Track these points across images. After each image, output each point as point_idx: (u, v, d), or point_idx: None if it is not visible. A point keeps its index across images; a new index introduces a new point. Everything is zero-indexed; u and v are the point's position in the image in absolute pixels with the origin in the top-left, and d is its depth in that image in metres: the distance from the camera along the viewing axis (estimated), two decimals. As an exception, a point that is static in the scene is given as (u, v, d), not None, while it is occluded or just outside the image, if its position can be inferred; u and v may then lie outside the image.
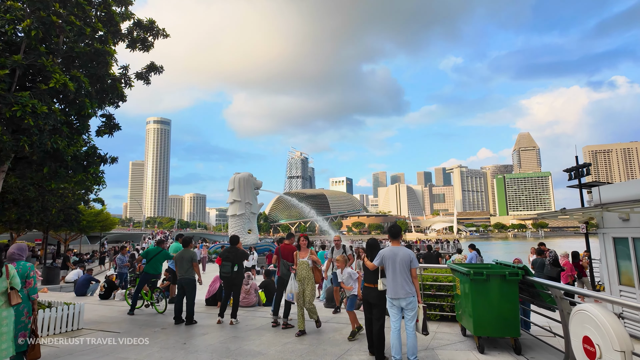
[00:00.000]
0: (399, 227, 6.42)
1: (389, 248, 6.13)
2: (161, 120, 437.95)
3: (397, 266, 5.85)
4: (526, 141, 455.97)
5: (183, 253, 9.23)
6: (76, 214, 28.30)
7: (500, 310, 6.25)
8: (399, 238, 6.32)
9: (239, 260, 8.93)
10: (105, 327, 8.71)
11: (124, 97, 9.53)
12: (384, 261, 6.01)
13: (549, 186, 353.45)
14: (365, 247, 7.02)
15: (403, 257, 5.90)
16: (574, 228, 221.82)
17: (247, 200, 41.26)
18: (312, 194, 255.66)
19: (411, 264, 5.91)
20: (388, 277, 5.95)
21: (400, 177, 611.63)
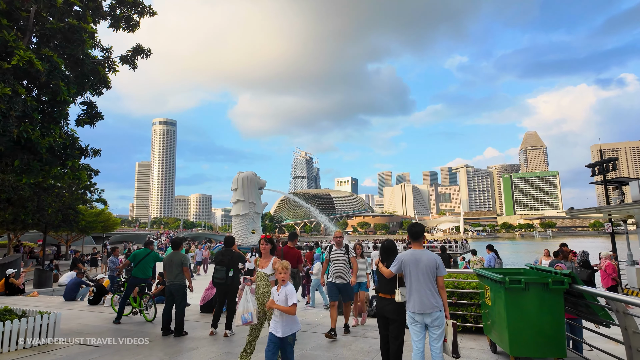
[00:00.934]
0: (422, 227, 5.35)
1: (409, 252, 5.14)
2: (167, 121, 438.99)
3: (421, 274, 4.91)
4: (533, 140, 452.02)
5: (172, 256, 8.27)
6: (75, 214, 27.52)
7: (541, 326, 5.23)
8: (422, 239, 5.29)
9: (234, 264, 7.95)
10: (84, 338, 7.76)
11: (108, 83, 8.56)
12: (404, 267, 5.05)
13: (557, 185, 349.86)
14: (380, 250, 5.89)
15: (428, 262, 4.94)
16: (582, 228, 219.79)
17: (250, 199, 40.34)
18: (317, 194, 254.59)
19: (437, 271, 4.95)
20: (409, 287, 5.01)
21: (405, 176, 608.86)
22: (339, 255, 7.88)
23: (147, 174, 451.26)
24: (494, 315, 5.88)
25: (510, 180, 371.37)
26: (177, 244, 8.49)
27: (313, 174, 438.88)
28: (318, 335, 7.84)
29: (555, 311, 5.23)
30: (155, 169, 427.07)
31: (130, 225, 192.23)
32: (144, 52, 8.92)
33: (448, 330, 4.81)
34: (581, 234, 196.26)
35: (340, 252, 7.93)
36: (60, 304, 12.33)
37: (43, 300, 13.36)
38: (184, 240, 9.06)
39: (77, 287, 12.94)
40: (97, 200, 44.68)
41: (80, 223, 29.66)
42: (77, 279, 13.16)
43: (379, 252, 5.80)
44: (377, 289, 5.69)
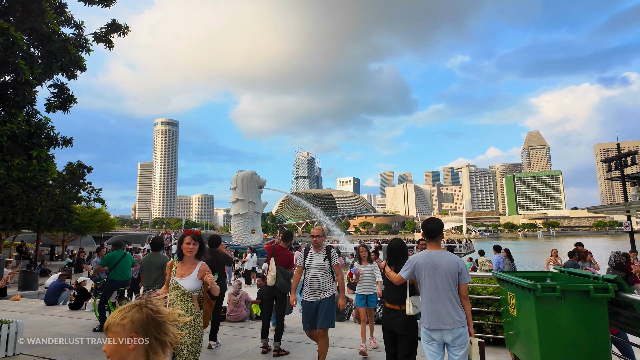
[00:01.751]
0: (440, 222, 4.36)
1: (424, 253, 4.20)
2: (169, 122, 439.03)
3: (439, 280, 3.98)
4: (536, 139, 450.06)
5: (151, 258, 7.40)
6: (68, 214, 26.67)
7: (580, 342, 4.32)
8: (439, 238, 4.28)
9: (219, 267, 7.07)
10: (51, 352, 6.88)
11: (82, 64, 7.67)
12: (418, 272, 4.14)
13: (560, 185, 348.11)
14: (387, 251, 4.95)
15: (448, 266, 4.01)
16: (586, 228, 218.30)
17: (250, 199, 39.53)
18: (319, 194, 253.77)
19: (460, 277, 4.04)
20: (423, 296, 4.10)
21: (407, 176, 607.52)
22: (316, 262, 5.75)
23: (149, 175, 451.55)
24: (519, 326, 4.98)
25: (512, 179, 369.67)
26: (157, 245, 7.62)
27: (315, 174, 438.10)
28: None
29: (598, 324, 4.33)
30: (157, 169, 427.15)
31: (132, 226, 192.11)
32: (120, 28, 8.05)
33: (473, 351, 3.90)
34: (585, 233, 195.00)
35: (319, 256, 5.81)
36: (40, 309, 11.48)
37: (23, 304, 12.53)
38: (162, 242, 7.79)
39: (59, 291, 12.09)
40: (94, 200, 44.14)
41: (74, 223, 28.81)
42: (59, 282, 12.29)
43: (386, 253, 4.93)
44: (384, 297, 4.84)
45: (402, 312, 4.36)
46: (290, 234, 7.29)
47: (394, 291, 4.50)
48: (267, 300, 6.76)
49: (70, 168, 25.68)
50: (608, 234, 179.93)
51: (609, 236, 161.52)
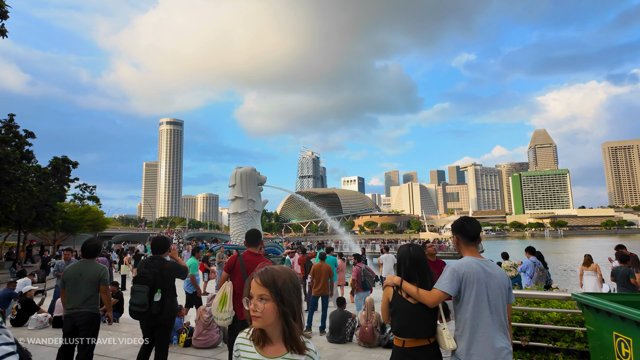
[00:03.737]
0: (479, 223, 3.37)
1: (472, 260, 3.08)
2: (174, 122, 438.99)
3: (492, 297, 2.98)
4: (542, 138, 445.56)
5: (81, 268, 5.39)
6: (51, 212, 24.78)
7: None
8: (478, 243, 3.28)
9: (164, 282, 5.07)
10: None
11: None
12: (466, 287, 3.01)
13: (567, 184, 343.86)
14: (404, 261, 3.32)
15: (502, 279, 3.07)
16: (595, 227, 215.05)
17: (249, 197, 37.54)
18: (323, 193, 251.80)
19: (509, 294, 3.14)
20: (470, 322, 2.95)
21: (412, 175, 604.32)
22: None
23: (154, 174, 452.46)
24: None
25: (519, 178, 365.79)
26: (91, 250, 5.59)
27: (319, 173, 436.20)
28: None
29: None
30: (163, 169, 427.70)
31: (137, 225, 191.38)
32: None
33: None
34: (593, 233, 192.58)
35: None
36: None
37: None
38: (98, 246, 5.60)
39: (6, 301, 10.14)
40: (88, 198, 42.47)
41: (57, 221, 26.90)
42: (7, 290, 10.32)
43: (400, 264, 3.35)
44: (394, 330, 3.23)
45: (432, 347, 3.09)
46: (256, 233, 5.23)
47: (416, 318, 3.09)
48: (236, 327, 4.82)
49: (53, 163, 23.93)
50: (617, 234, 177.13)
51: (618, 235, 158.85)
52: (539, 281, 9.74)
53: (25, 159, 23.61)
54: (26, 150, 23.72)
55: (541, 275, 9.89)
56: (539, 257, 10.55)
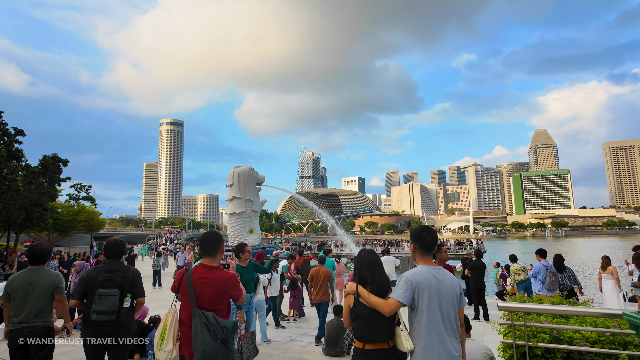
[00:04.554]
0: (436, 234, 3.51)
1: (424, 269, 3.29)
2: (174, 122, 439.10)
3: (444, 304, 3.19)
4: (543, 138, 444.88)
5: (31, 277, 4.65)
6: (41, 212, 24.02)
7: None
8: (433, 251, 3.49)
9: (133, 287, 4.45)
10: None
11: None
12: (419, 295, 3.18)
13: (568, 184, 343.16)
14: (357, 264, 3.57)
15: (452, 286, 3.28)
16: (596, 227, 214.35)
17: (247, 196, 36.93)
18: (323, 193, 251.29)
19: (461, 300, 3.34)
20: (425, 328, 3.12)
21: (413, 176, 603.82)
22: None
23: (155, 175, 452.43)
24: None
25: (520, 178, 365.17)
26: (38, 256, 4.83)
27: (320, 174, 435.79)
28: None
29: None
30: (163, 169, 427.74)
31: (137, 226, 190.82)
32: None
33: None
34: (595, 233, 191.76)
35: None
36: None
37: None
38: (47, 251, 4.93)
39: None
40: (83, 198, 41.76)
41: (48, 221, 26.16)
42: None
43: (356, 268, 3.59)
44: (356, 335, 3.36)
45: (391, 351, 3.27)
46: (214, 238, 3.83)
47: (376, 323, 3.26)
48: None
49: (43, 161, 23.20)
50: (618, 234, 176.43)
51: (619, 236, 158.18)
52: (552, 287, 8.95)
53: (15, 158, 22.91)
54: (15, 148, 23.02)
55: (554, 281, 9.03)
56: (558, 260, 9.63)
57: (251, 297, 6.63)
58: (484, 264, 11.07)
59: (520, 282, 11.09)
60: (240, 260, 6.66)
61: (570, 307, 3.88)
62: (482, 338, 8.85)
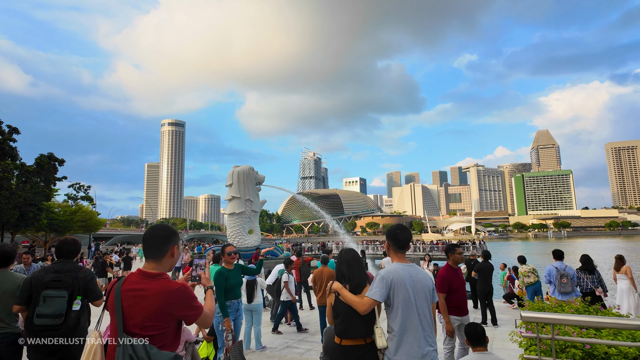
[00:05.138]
0: (410, 232, 3.66)
1: (398, 266, 3.41)
2: (176, 122, 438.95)
3: (418, 300, 3.33)
4: (545, 139, 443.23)
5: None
6: (36, 212, 23.49)
7: None
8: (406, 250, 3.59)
9: (85, 288, 3.98)
10: None
11: None
12: (395, 292, 3.30)
13: (570, 185, 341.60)
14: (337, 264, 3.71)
15: (426, 282, 3.44)
16: (598, 228, 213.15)
17: (247, 196, 36.39)
18: (325, 194, 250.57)
19: (433, 295, 3.50)
20: (401, 324, 3.25)
21: (414, 176, 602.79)
22: None
23: (156, 175, 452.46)
24: None
25: (522, 179, 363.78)
26: (2, 258, 4.34)
27: (321, 174, 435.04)
28: None
29: None
30: (164, 170, 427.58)
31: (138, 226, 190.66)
32: None
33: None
34: (597, 234, 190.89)
35: None
36: None
37: None
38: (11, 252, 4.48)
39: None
40: (82, 198, 41.31)
41: (42, 221, 25.62)
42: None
43: (336, 267, 3.76)
44: (336, 332, 3.49)
45: (368, 347, 3.37)
46: (161, 234, 2.63)
47: (357, 320, 3.37)
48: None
49: (38, 160, 22.70)
50: (621, 235, 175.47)
51: (622, 237, 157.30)
52: (564, 289, 8.33)
53: (9, 156, 22.41)
54: (9, 147, 22.50)
55: (565, 283, 8.35)
56: (587, 260, 9.03)
57: (238, 303, 5.96)
58: (491, 266, 10.49)
59: (530, 284, 10.53)
60: (225, 263, 5.97)
61: (610, 318, 3.32)
62: (491, 346, 8.30)
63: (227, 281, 5.64)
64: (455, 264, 6.00)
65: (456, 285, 5.84)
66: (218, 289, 5.45)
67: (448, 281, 5.82)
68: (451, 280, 5.82)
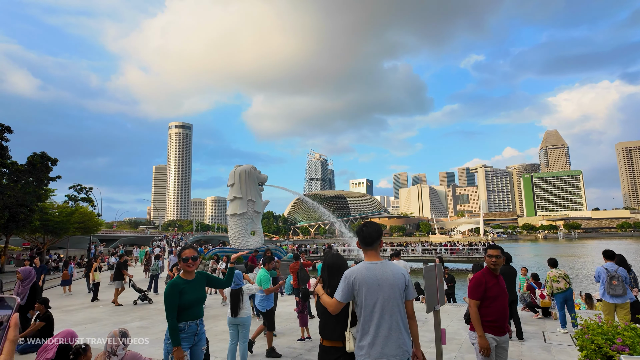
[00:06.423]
0: (379, 227, 3.50)
1: (363, 265, 3.37)
2: (183, 125, 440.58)
3: (385, 298, 3.22)
4: (554, 139, 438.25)
5: None
6: (27, 213, 22.45)
7: None
8: (378, 245, 3.45)
9: None
10: None
11: None
12: (358, 291, 3.28)
13: (580, 185, 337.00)
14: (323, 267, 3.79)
15: (395, 280, 3.28)
16: (610, 229, 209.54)
17: (249, 197, 35.31)
18: (331, 195, 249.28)
19: (406, 292, 3.34)
20: (366, 323, 3.24)
21: (421, 177, 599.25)
22: None
23: (164, 178, 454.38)
24: None
25: (530, 180, 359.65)
26: None
27: (327, 176, 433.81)
28: None
29: None
30: (172, 172, 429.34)
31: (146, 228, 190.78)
32: None
33: None
34: (608, 235, 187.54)
35: None
36: None
37: None
38: None
39: None
40: (82, 200, 40.46)
41: (35, 223, 24.59)
42: None
43: (320, 272, 4.02)
44: (320, 332, 3.61)
45: (340, 349, 3.38)
46: None
47: (332, 322, 3.45)
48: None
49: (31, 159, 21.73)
50: (633, 236, 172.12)
51: (634, 238, 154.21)
52: (613, 292, 7.40)
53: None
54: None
55: (616, 285, 7.41)
56: (621, 260, 7.94)
57: (197, 326, 4.30)
58: (514, 270, 9.15)
59: (560, 291, 9.18)
60: (183, 272, 4.40)
61: None
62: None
63: (183, 296, 4.16)
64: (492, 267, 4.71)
65: (494, 294, 4.57)
66: (169, 306, 4.09)
67: (484, 287, 4.58)
68: (488, 287, 4.58)
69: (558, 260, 10.25)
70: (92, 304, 15.90)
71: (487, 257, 4.68)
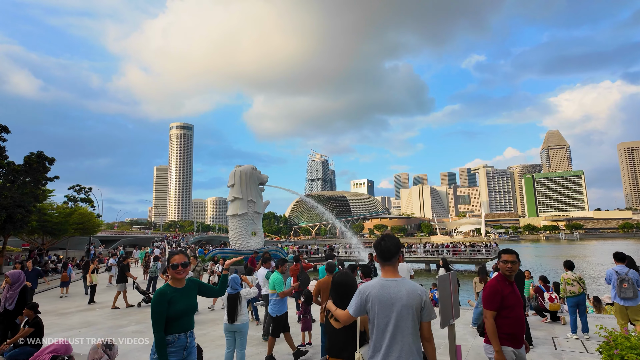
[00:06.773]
0: (398, 241, 3.30)
1: (378, 282, 3.20)
2: (184, 126, 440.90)
3: (397, 318, 3.04)
4: (555, 139, 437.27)
5: None
6: (24, 214, 22.13)
7: None
8: (396, 261, 3.27)
9: None
10: None
11: None
12: (370, 308, 3.15)
13: (582, 185, 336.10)
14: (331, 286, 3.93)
15: (409, 300, 3.07)
16: (612, 230, 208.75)
17: (249, 197, 35.00)
18: (332, 196, 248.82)
19: (422, 313, 3.10)
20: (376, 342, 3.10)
21: (423, 178, 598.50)
22: None
23: (165, 178, 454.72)
24: None
25: (532, 180, 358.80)
26: None
27: (328, 176, 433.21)
28: None
29: None
30: (173, 173, 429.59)
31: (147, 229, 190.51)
32: None
33: None
34: (611, 235, 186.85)
35: None
36: None
37: None
38: None
39: None
40: (82, 200, 40.18)
41: (31, 223, 24.26)
42: None
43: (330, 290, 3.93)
44: (327, 350, 3.65)
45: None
46: None
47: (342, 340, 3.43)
48: None
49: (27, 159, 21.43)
50: (635, 236, 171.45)
51: (636, 238, 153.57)
52: (624, 295, 7.22)
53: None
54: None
55: (626, 288, 7.25)
56: (631, 262, 7.73)
57: (187, 339, 3.88)
58: (522, 273, 8.80)
59: (573, 295, 8.81)
60: (172, 280, 3.98)
61: None
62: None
63: (172, 306, 3.76)
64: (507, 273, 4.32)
65: (511, 303, 4.18)
66: (156, 318, 3.69)
67: (500, 296, 4.17)
68: (504, 295, 4.19)
69: (558, 260, 9.91)
70: (88, 306, 15.59)
71: (502, 263, 4.31)
